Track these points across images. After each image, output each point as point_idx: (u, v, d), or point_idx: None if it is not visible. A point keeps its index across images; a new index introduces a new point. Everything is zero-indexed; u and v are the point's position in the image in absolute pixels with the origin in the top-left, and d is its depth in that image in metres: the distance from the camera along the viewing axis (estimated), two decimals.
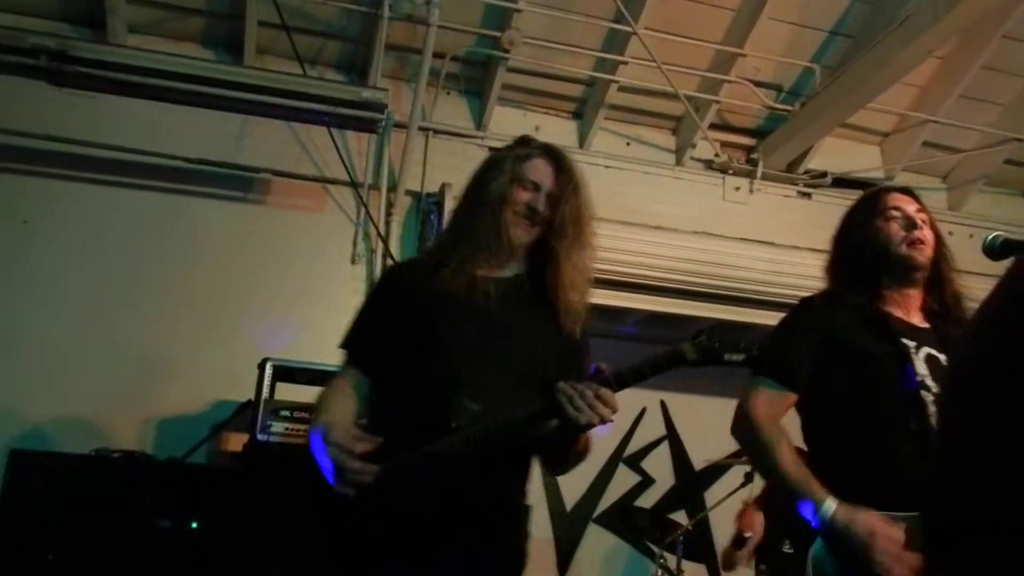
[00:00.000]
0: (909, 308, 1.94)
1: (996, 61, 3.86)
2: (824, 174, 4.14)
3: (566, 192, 1.76)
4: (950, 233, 4.17)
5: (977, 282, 2.08)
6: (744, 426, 1.88)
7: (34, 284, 3.37)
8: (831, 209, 4.05)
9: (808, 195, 4.18)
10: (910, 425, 1.79)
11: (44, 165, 3.46)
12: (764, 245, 3.81)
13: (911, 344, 1.88)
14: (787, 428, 1.89)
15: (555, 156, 1.82)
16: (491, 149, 3.88)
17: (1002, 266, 1.73)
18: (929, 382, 1.84)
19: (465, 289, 1.75)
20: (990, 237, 1.69)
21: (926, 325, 1.92)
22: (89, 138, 3.45)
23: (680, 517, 4.20)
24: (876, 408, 1.82)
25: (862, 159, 4.26)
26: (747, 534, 3.32)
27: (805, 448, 1.97)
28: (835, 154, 4.20)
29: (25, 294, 3.35)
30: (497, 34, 3.58)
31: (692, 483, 4.46)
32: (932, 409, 1.81)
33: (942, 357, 1.89)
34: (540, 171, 1.78)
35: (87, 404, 3.06)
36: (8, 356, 3.23)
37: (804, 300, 2.01)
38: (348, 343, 1.88)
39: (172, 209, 3.51)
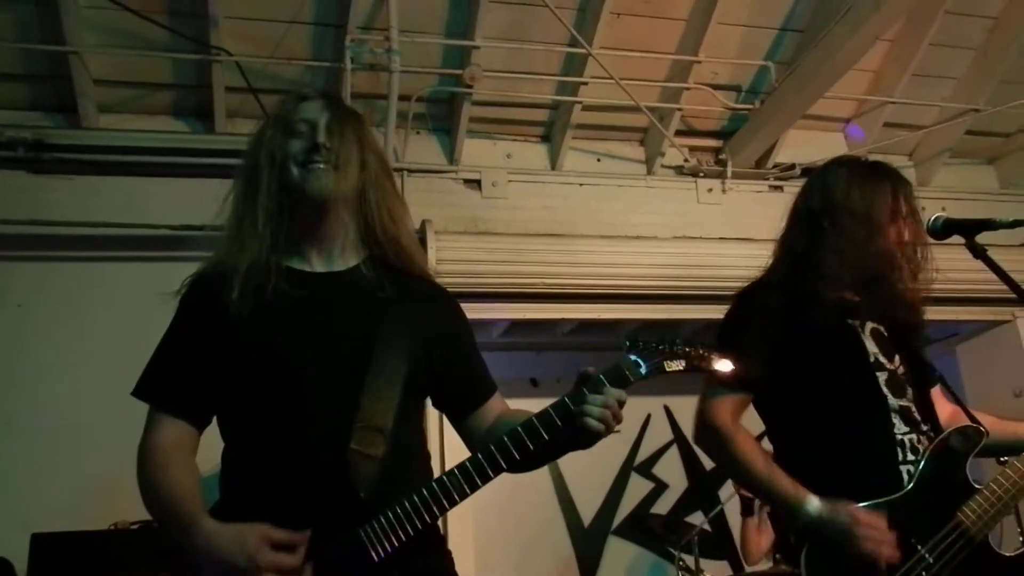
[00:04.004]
0: (852, 285, 1.88)
1: (943, 37, 3.96)
2: (793, 166, 4.22)
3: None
4: (923, 208, 4.28)
5: (950, 251, 2.18)
6: (708, 437, 1.84)
7: (34, 366, 3.41)
8: None
9: (780, 188, 4.26)
10: (868, 412, 1.83)
11: (31, 249, 3.51)
12: (742, 242, 3.89)
13: (856, 323, 1.88)
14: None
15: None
16: (466, 182, 3.99)
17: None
18: (881, 359, 1.88)
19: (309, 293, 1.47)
20: (931, 219, 1.78)
21: (856, 297, 1.88)
22: (72, 218, 3.50)
23: (697, 518, 4.24)
24: (834, 399, 1.82)
25: (828, 147, 4.34)
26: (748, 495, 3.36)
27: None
28: (801, 145, 4.29)
29: (27, 377, 3.39)
30: (459, 72, 3.68)
31: (705, 483, 4.51)
32: (887, 391, 1.85)
33: (882, 328, 1.91)
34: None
35: (100, 479, 3.08)
36: (17, 440, 3.26)
37: (748, 292, 1.94)
38: (161, 386, 1.49)
39: (163, 276, 3.46)
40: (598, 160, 4.21)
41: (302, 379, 1.43)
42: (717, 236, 4.01)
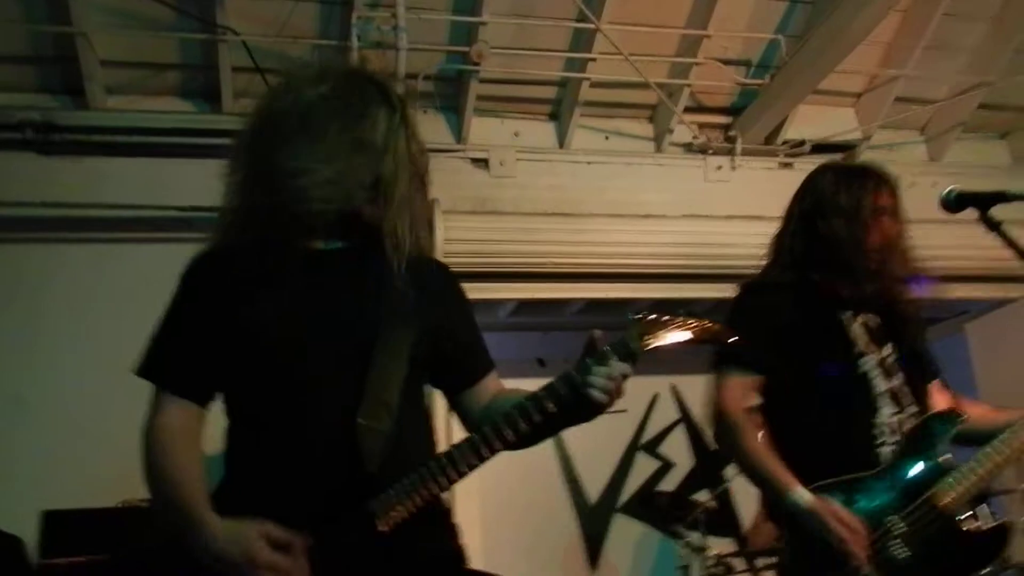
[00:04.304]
0: (848, 280, 2.10)
1: (956, 8, 3.90)
2: (803, 142, 4.18)
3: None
4: (934, 184, 4.23)
5: (960, 229, 2.21)
6: (718, 423, 2.03)
7: (47, 348, 3.45)
8: None
9: (790, 165, 4.23)
10: (850, 397, 2.01)
11: (43, 231, 3.54)
12: (751, 220, 3.86)
13: (847, 314, 2.07)
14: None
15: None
16: (474, 161, 3.98)
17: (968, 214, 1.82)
18: (868, 347, 2.07)
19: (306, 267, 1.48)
20: (945, 191, 1.79)
21: (855, 291, 2.08)
22: (82, 200, 3.52)
23: (703, 496, 4.26)
24: (818, 385, 2.02)
25: (838, 122, 4.31)
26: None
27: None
28: (811, 121, 4.25)
29: (39, 358, 3.43)
30: (466, 49, 3.65)
31: (711, 461, 4.53)
32: (875, 372, 2.03)
33: (875, 320, 2.09)
34: None
35: (112, 458, 3.11)
36: (31, 420, 3.31)
37: (748, 288, 2.19)
38: (165, 366, 1.48)
39: (172, 258, 3.48)
40: (606, 138, 4.18)
41: (308, 356, 1.43)
42: (726, 214, 3.99)
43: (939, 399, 2.14)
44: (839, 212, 2.07)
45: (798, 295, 2.07)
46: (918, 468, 1.96)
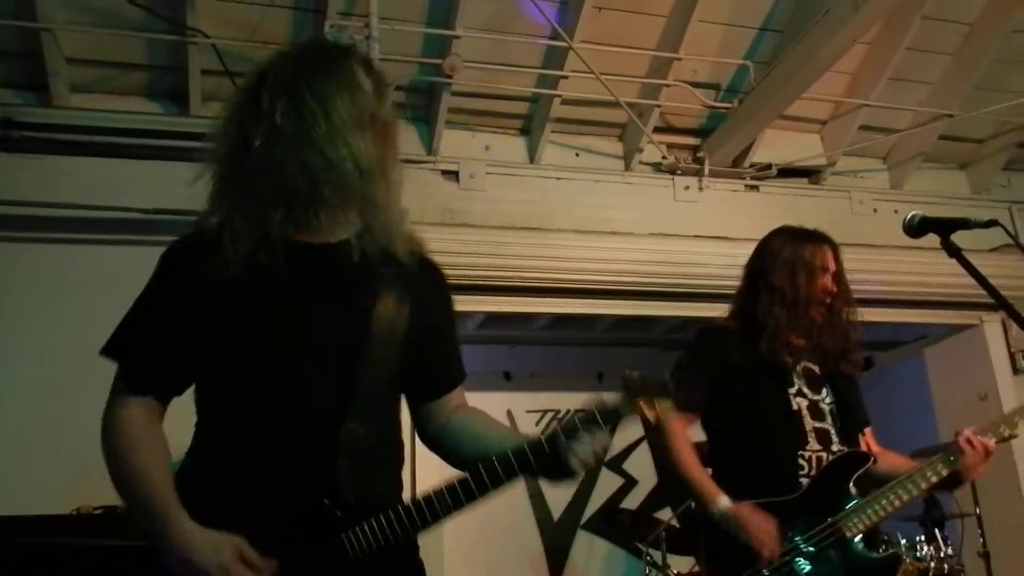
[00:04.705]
0: (793, 329, 2.38)
1: (920, 42, 4.01)
2: (769, 166, 4.25)
3: None
4: (895, 211, 4.32)
5: (921, 255, 2.25)
6: (659, 436, 2.35)
7: (2, 349, 3.35)
8: (779, 199, 4.21)
9: (756, 188, 4.29)
10: (782, 432, 2.29)
11: (0, 230, 3.45)
12: (717, 240, 3.92)
13: (789, 360, 2.37)
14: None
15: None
16: (444, 173, 3.98)
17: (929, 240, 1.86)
18: (805, 390, 2.37)
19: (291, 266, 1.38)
20: (908, 217, 1.84)
21: (802, 341, 2.39)
22: (41, 199, 3.44)
23: (666, 514, 4.27)
24: (759, 421, 2.32)
25: (804, 148, 4.39)
26: None
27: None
28: (777, 145, 4.32)
29: None
30: (438, 61, 3.65)
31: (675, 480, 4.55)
32: (805, 414, 2.33)
33: (815, 368, 2.41)
34: None
35: (65, 464, 3.04)
36: None
37: (703, 331, 2.49)
38: (135, 355, 1.42)
39: (133, 260, 3.42)
40: (576, 155, 4.20)
41: (291, 357, 1.36)
42: (693, 234, 4.03)
43: (862, 445, 2.40)
44: (781, 268, 2.37)
45: (745, 340, 2.35)
46: (828, 498, 2.23)
